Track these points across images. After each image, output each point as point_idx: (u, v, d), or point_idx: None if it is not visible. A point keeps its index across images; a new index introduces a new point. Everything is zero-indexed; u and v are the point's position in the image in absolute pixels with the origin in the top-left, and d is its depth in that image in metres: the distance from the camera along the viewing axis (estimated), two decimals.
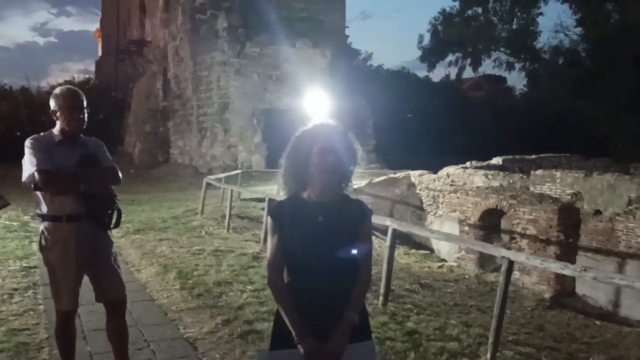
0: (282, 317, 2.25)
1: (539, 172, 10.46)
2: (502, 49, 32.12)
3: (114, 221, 3.60)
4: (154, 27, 28.21)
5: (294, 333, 2.17)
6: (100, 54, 43.14)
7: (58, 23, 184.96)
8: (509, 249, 9.61)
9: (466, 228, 11.52)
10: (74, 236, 3.42)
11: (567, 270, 3.75)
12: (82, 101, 3.50)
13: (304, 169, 2.28)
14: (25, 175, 3.37)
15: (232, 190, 10.96)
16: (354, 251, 2.26)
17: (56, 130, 3.51)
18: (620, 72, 23.94)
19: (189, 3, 23.30)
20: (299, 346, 2.15)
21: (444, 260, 11.78)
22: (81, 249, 3.45)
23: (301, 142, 2.32)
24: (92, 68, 44.38)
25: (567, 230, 9.18)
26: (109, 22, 39.13)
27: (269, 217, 2.34)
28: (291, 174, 2.32)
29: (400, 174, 15.00)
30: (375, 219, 7.20)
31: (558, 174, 9.94)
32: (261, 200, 11.82)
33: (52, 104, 3.48)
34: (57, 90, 3.56)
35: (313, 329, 2.17)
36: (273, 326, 2.37)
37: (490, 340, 4.11)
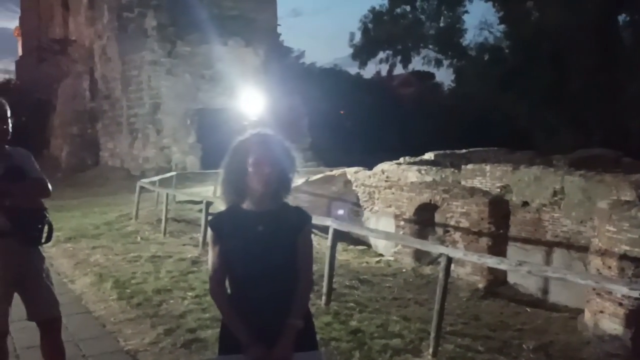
0: (225, 325, 2.30)
1: (470, 166, 10.80)
2: (430, 46, 33.06)
3: (44, 236, 3.46)
4: (79, 25, 27.13)
5: (241, 341, 2.19)
6: (20, 53, 40.99)
7: None
8: (444, 241, 9.89)
9: (402, 223, 11.74)
10: (1, 254, 3.26)
11: (503, 265, 3.92)
12: (6, 111, 3.32)
13: (241, 180, 2.29)
14: None
15: (167, 193, 10.72)
16: (294, 259, 2.31)
17: None
18: (539, 68, 25.17)
19: (116, 1, 22.57)
20: (246, 354, 2.17)
21: (381, 255, 11.97)
22: (9, 267, 3.29)
23: (238, 153, 2.33)
24: (12, 68, 42.22)
25: (498, 221, 9.52)
26: (29, 19, 37.24)
27: (209, 228, 2.35)
28: (230, 184, 2.33)
29: (336, 172, 15.12)
30: (316, 220, 7.26)
31: (487, 167, 10.29)
32: (197, 202, 11.63)
33: None
34: None
35: (259, 338, 2.20)
36: (220, 330, 2.39)
37: (432, 335, 4.23)
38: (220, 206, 2.43)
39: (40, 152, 23.89)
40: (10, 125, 3.35)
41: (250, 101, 20.41)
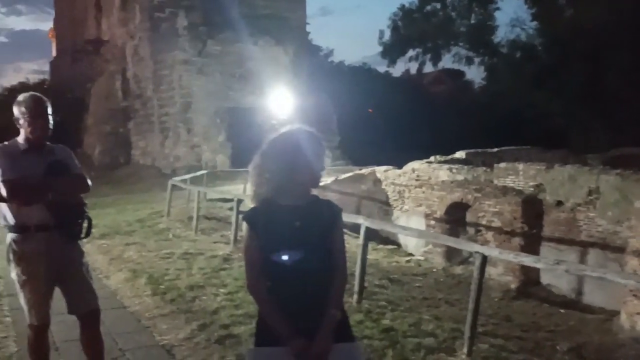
0: (263, 319, 2.30)
1: (502, 165, 10.67)
2: (461, 44, 32.72)
3: (84, 230, 3.53)
4: (111, 25, 27.62)
5: (282, 335, 2.20)
6: (54, 53, 41.89)
7: (8, 22, 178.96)
8: (475, 241, 9.79)
9: (432, 222, 11.67)
10: (44, 247, 3.34)
11: (540, 263, 3.86)
12: (47, 108, 3.40)
13: (279, 175, 2.31)
14: None
15: (198, 191, 10.84)
16: (330, 252, 2.33)
17: (21, 138, 3.40)
18: (573, 66, 24.68)
19: (147, 1, 22.89)
20: (287, 347, 2.18)
21: (411, 254, 11.91)
22: (51, 260, 3.36)
23: (276, 148, 2.34)
24: (47, 68, 43.18)
25: (531, 221, 9.39)
26: (63, 21, 38.01)
27: (244, 222, 2.35)
28: (265, 178, 2.35)
29: (366, 170, 15.09)
30: (347, 217, 7.25)
31: (521, 166, 10.15)
32: (227, 200, 11.74)
33: (15, 111, 3.38)
34: (20, 97, 3.45)
35: (297, 331, 2.21)
36: (257, 325, 2.40)
37: (467, 335, 4.19)
38: (250, 203, 2.44)
39: (74, 150, 24.24)
40: (51, 121, 3.43)
41: (280, 100, 20.51)
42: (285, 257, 2.26)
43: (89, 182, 3.55)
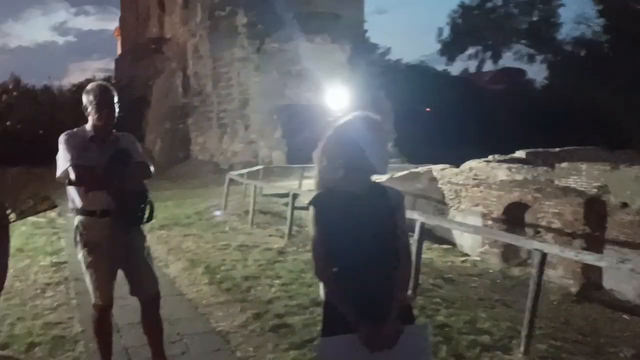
0: (331, 305, 2.30)
1: (564, 165, 10.34)
2: (522, 41, 31.84)
3: (146, 216, 3.65)
4: (173, 24, 28.39)
5: (350, 319, 2.21)
6: (119, 52, 43.50)
7: (77, 22, 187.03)
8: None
9: (489, 222, 11.43)
10: (108, 231, 3.47)
11: (603, 262, 3.72)
12: (113, 97, 3.53)
13: (343, 162, 2.32)
14: (59, 171, 3.42)
15: (255, 185, 11.01)
16: (396, 237, 2.35)
17: (88, 126, 3.54)
18: None
19: (208, 0, 23.40)
20: (357, 331, 2.19)
21: (467, 254, 11.70)
22: (115, 244, 3.49)
23: (341, 135, 2.36)
24: (112, 66, 44.85)
25: (593, 223, 9.07)
26: (128, 20, 39.45)
27: (311, 207, 2.36)
28: (330, 165, 2.36)
29: (421, 169, 14.92)
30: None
31: (583, 166, 9.82)
32: (282, 195, 11.87)
33: (84, 100, 3.53)
34: (89, 87, 3.59)
35: (366, 316, 2.22)
36: (324, 312, 2.41)
37: (524, 333, 4.09)
38: (315, 189, 2.46)
39: None
40: (117, 110, 3.56)
41: (336, 97, 20.53)
42: (351, 242, 2.26)
43: (152, 169, 3.67)
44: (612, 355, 5.32)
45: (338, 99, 20.42)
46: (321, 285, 2.39)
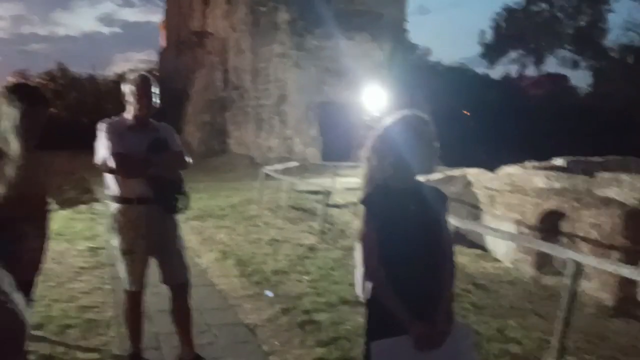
0: (377, 307, 2.29)
1: (605, 174, 10.05)
2: (566, 46, 31.11)
3: (181, 205, 3.69)
4: (216, 18, 28.68)
5: (403, 318, 2.21)
6: (163, 44, 44.16)
7: (123, 14, 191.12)
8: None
9: (524, 230, 11.21)
10: (144, 218, 3.53)
11: None
12: (152, 87, 3.58)
13: (393, 160, 2.34)
14: (98, 158, 3.50)
15: (289, 181, 11.06)
16: (441, 236, 2.37)
17: (128, 115, 3.61)
18: None
19: None
20: (409, 332, 2.19)
21: (500, 261, 11.51)
22: (150, 231, 3.56)
23: (391, 134, 2.37)
24: (155, 58, 45.53)
25: (634, 236, 8.78)
26: (172, 13, 40.01)
27: (362, 206, 2.37)
28: (380, 164, 2.38)
29: (456, 172, 14.73)
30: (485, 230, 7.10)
31: (625, 177, 9.52)
32: (315, 193, 11.88)
33: (124, 89, 3.59)
34: (130, 76, 3.67)
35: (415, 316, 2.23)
36: (369, 317, 2.40)
37: (556, 345, 3.99)
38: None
39: None
40: (157, 100, 3.61)
41: (373, 96, 20.45)
42: (401, 241, 2.27)
43: (189, 159, 3.72)
44: None
45: (375, 98, 20.34)
46: (360, 283, 2.39)
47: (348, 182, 12.82)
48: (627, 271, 3.95)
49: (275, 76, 22.49)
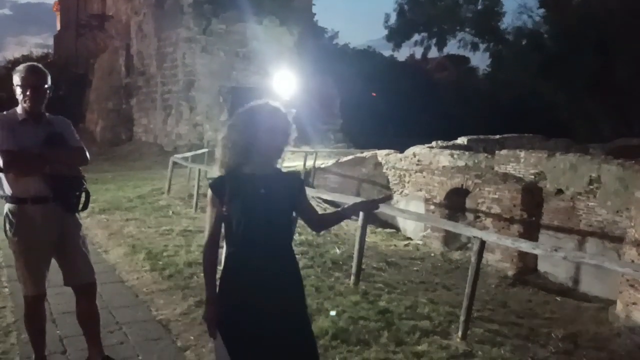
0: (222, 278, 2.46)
1: (504, 152, 10.65)
2: (467, 30, 32.44)
3: (81, 203, 3.52)
4: (116, 0, 27.38)
5: (207, 297, 2.47)
6: (58, 27, 41.60)
7: None
8: (474, 227, 9.80)
9: (432, 207, 11.69)
10: (40, 219, 3.34)
11: (538, 250, 3.86)
12: (42, 78, 3.37)
13: (242, 146, 2.41)
14: None
15: (199, 169, 10.83)
16: (291, 219, 2.55)
17: (20, 108, 3.38)
18: (582, 55, 24.42)
19: None
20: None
21: (410, 238, 11.94)
22: (48, 232, 3.37)
23: (241, 121, 2.46)
24: (51, 42, 42.89)
25: (530, 209, 9.40)
26: None
27: (209, 190, 2.47)
28: (231, 149, 2.45)
29: (367, 154, 15.08)
30: (345, 199, 7.24)
31: (522, 154, 10.14)
32: None
33: (15, 80, 3.36)
34: (20, 67, 3.43)
35: (259, 295, 2.35)
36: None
37: (462, 318, 4.21)
38: (216, 172, 2.52)
39: (76, 126, 24.13)
40: (47, 93, 3.40)
41: (283, 81, 20.40)
42: (248, 223, 2.36)
43: (87, 155, 3.54)
44: (546, 336, 5.55)
45: (285, 82, 20.30)
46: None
47: None
48: (526, 245, 4.22)
49: (182, 61, 21.82)
